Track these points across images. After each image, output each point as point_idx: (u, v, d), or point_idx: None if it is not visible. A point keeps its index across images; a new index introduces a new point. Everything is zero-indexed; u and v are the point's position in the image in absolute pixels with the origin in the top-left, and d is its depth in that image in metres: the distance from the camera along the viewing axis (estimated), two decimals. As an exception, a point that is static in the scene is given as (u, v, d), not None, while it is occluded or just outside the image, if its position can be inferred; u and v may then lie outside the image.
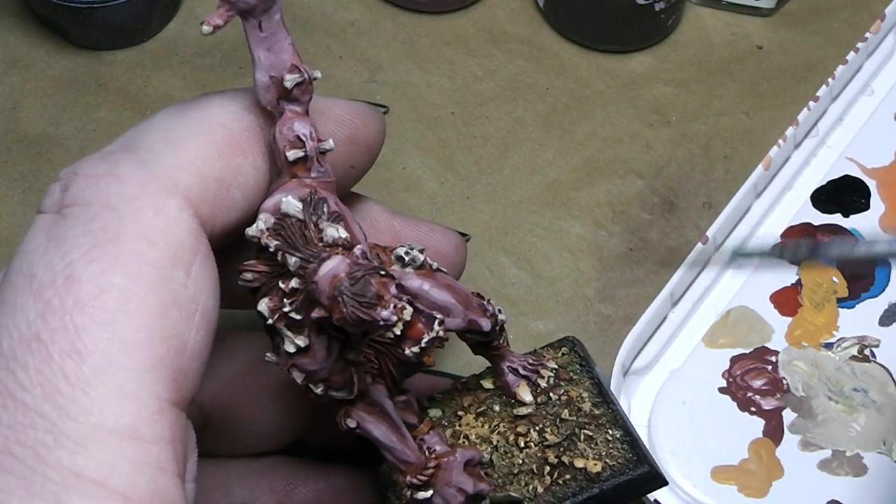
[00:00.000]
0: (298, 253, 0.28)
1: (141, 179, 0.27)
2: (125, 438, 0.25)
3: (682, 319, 0.47)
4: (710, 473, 0.43)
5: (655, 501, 0.42)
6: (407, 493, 0.32)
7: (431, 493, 0.32)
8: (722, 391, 0.45)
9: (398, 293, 0.27)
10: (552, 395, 0.35)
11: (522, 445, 0.34)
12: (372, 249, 0.31)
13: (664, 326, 0.46)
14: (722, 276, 0.48)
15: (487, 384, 0.36)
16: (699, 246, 0.47)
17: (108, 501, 0.24)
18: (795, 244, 0.30)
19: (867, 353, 0.46)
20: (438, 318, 0.29)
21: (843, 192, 0.50)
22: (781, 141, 0.49)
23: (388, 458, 0.32)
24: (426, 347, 0.29)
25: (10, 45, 0.55)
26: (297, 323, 0.28)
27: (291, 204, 0.29)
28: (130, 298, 0.26)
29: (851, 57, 0.52)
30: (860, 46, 0.52)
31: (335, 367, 0.29)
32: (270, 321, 0.29)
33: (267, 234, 0.29)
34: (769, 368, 0.46)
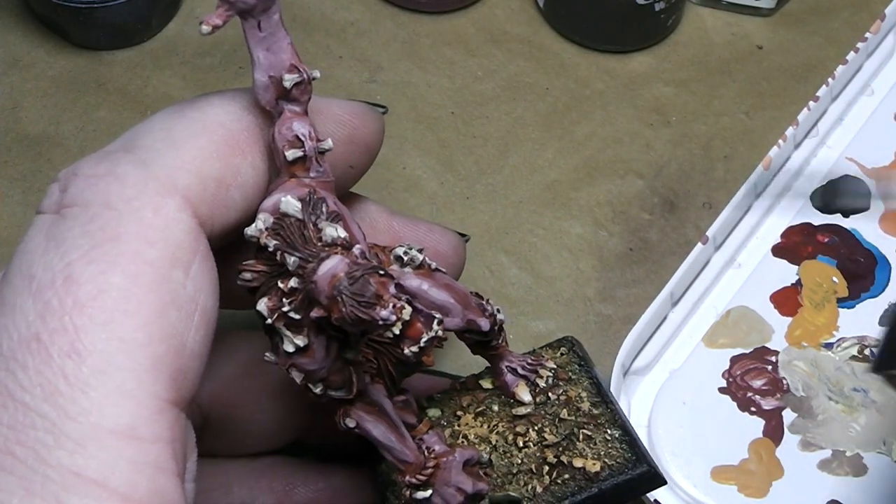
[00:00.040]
0: (297, 252, 0.28)
1: (140, 179, 0.27)
2: (125, 438, 0.25)
3: (682, 319, 0.47)
4: (710, 473, 0.43)
5: (655, 501, 0.42)
6: (406, 492, 0.32)
7: (430, 492, 0.32)
8: (722, 391, 0.45)
9: (397, 293, 0.27)
10: (551, 394, 0.35)
11: (521, 445, 0.34)
12: (371, 249, 0.31)
13: (664, 326, 0.46)
14: (722, 276, 0.48)
15: (486, 384, 0.36)
16: (699, 246, 0.47)
17: (107, 501, 0.24)
18: None
19: (867, 353, 0.46)
20: (437, 317, 0.29)
21: (843, 192, 0.50)
22: (781, 141, 0.49)
23: (387, 457, 0.32)
24: (425, 347, 0.29)
25: (10, 45, 0.55)
26: (296, 322, 0.28)
27: (290, 203, 0.29)
28: (129, 298, 0.26)
29: (851, 57, 0.52)
30: (860, 46, 0.52)
31: (334, 366, 0.29)
32: (269, 321, 0.29)
33: (266, 233, 0.29)
34: (769, 368, 0.46)
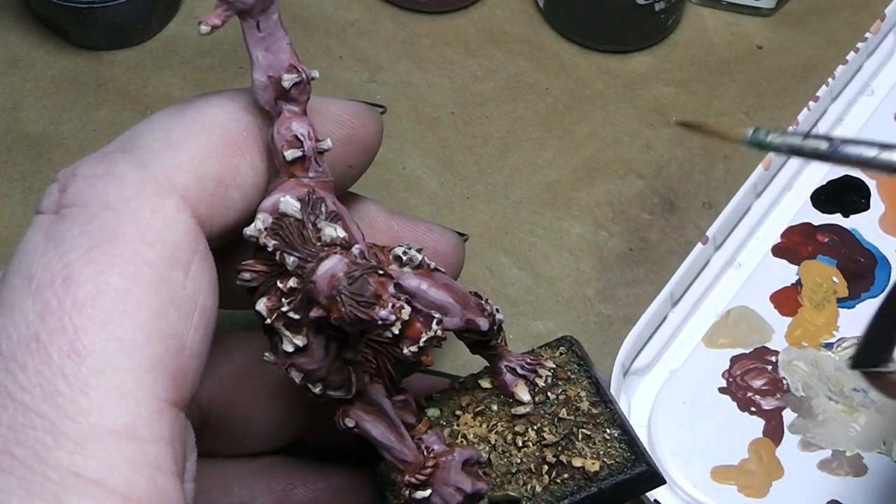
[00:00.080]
0: (296, 252, 0.28)
1: (138, 180, 0.27)
2: (124, 438, 0.25)
3: (682, 319, 0.47)
4: (710, 473, 0.43)
5: (655, 501, 0.42)
6: (405, 492, 0.32)
7: (430, 492, 0.32)
8: (722, 391, 0.45)
9: (396, 293, 0.27)
10: (550, 394, 0.35)
11: (520, 445, 0.34)
12: (370, 249, 0.31)
13: (664, 326, 0.46)
14: (722, 276, 0.48)
15: (485, 384, 0.36)
16: (699, 246, 0.47)
17: (107, 501, 0.24)
18: (815, 142, 0.29)
19: (867, 352, 0.46)
20: (437, 317, 0.29)
21: (843, 191, 0.50)
22: (781, 141, 0.49)
23: (386, 457, 0.32)
24: (424, 347, 0.29)
25: (10, 45, 0.55)
26: (295, 322, 0.28)
27: (289, 203, 0.29)
28: (128, 299, 0.26)
29: (851, 57, 0.52)
30: (860, 46, 0.52)
31: (333, 366, 0.29)
32: (269, 321, 0.29)
33: (265, 233, 0.29)
34: (769, 368, 0.46)
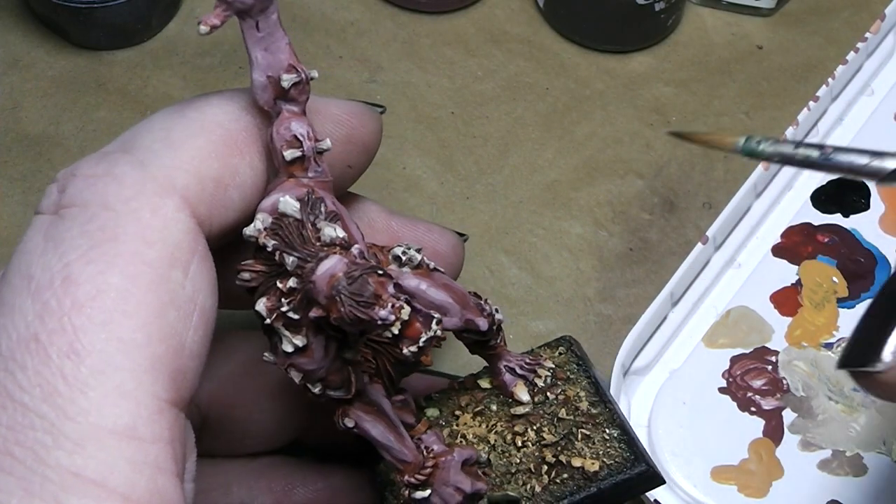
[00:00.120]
0: (296, 252, 0.28)
1: (138, 180, 0.27)
2: (124, 438, 0.25)
3: (682, 319, 0.47)
4: (710, 473, 0.43)
5: (655, 501, 0.42)
6: (405, 492, 0.32)
7: (429, 492, 0.32)
8: (722, 391, 0.45)
9: (396, 293, 0.27)
10: (549, 394, 0.35)
11: (520, 445, 0.34)
12: (369, 249, 0.31)
13: (664, 326, 0.46)
14: (722, 276, 0.48)
15: (485, 384, 0.36)
16: (699, 246, 0.47)
17: (107, 501, 0.24)
18: (807, 151, 0.29)
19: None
20: (436, 317, 0.29)
21: (843, 191, 0.50)
22: (782, 141, 0.49)
23: (385, 457, 0.32)
24: (424, 347, 0.29)
25: (10, 45, 0.55)
26: (294, 322, 0.28)
27: (289, 203, 0.29)
28: (128, 299, 0.26)
29: (851, 57, 0.52)
30: (860, 46, 0.52)
31: (333, 366, 0.29)
32: (268, 321, 0.29)
33: (264, 233, 0.29)
34: (769, 368, 0.46)
